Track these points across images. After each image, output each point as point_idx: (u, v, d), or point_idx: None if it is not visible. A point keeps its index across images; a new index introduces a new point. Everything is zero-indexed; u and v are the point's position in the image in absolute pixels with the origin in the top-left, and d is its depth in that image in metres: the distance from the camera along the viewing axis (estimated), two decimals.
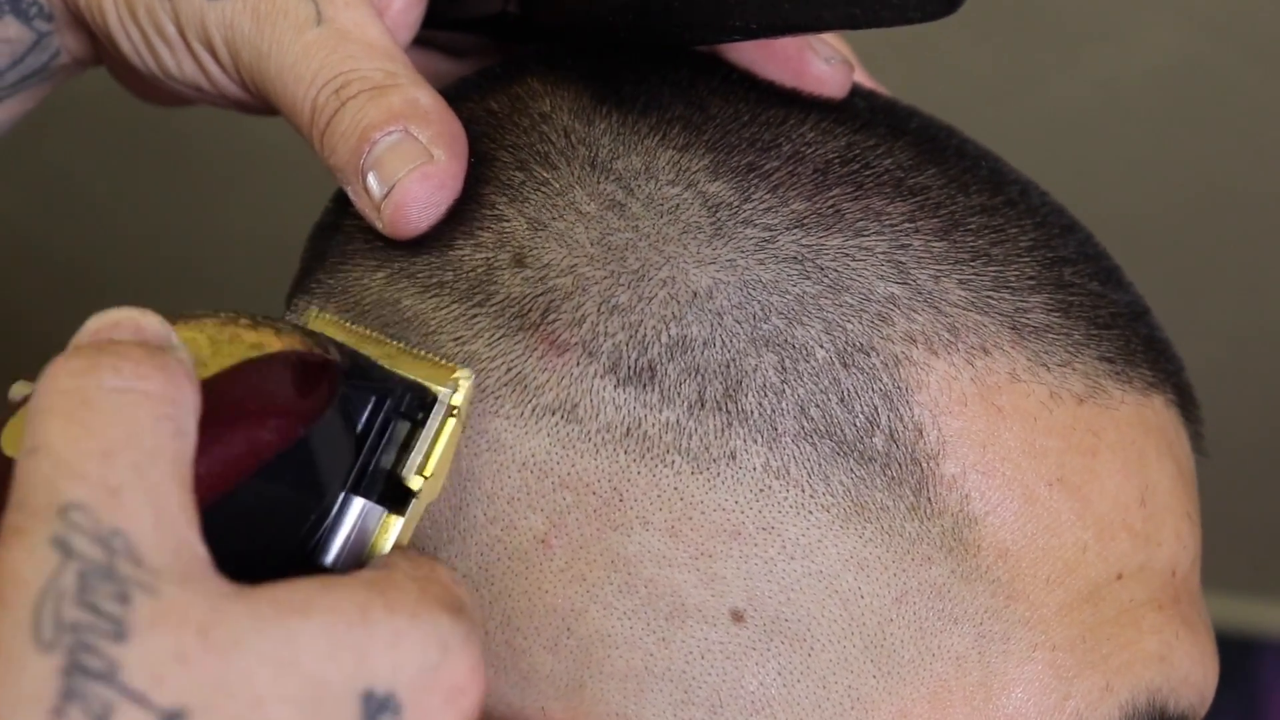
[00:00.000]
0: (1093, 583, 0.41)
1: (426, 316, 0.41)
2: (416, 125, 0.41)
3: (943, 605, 0.40)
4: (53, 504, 0.31)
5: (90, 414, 0.32)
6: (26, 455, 0.32)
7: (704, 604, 0.39)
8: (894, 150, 0.43)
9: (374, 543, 0.38)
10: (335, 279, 0.44)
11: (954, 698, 0.40)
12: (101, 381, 0.33)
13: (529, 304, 0.40)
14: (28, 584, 0.30)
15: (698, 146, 0.42)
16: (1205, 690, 0.43)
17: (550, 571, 0.40)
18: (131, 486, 0.32)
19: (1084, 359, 0.42)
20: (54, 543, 0.31)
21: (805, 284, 0.40)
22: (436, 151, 0.41)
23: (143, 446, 0.32)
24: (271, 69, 0.43)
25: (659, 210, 0.41)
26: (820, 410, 0.40)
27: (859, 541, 0.39)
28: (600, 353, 0.40)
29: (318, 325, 0.42)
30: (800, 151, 0.42)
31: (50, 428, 0.32)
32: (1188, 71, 1.32)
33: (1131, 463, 0.42)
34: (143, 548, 0.31)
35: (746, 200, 0.41)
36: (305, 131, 0.43)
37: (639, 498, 0.39)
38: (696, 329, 0.40)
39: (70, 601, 0.30)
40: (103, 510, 0.31)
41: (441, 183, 0.41)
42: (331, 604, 0.32)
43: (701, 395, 0.39)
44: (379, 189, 0.41)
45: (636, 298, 0.40)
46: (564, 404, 0.40)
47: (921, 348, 0.40)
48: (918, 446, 0.40)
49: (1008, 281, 0.42)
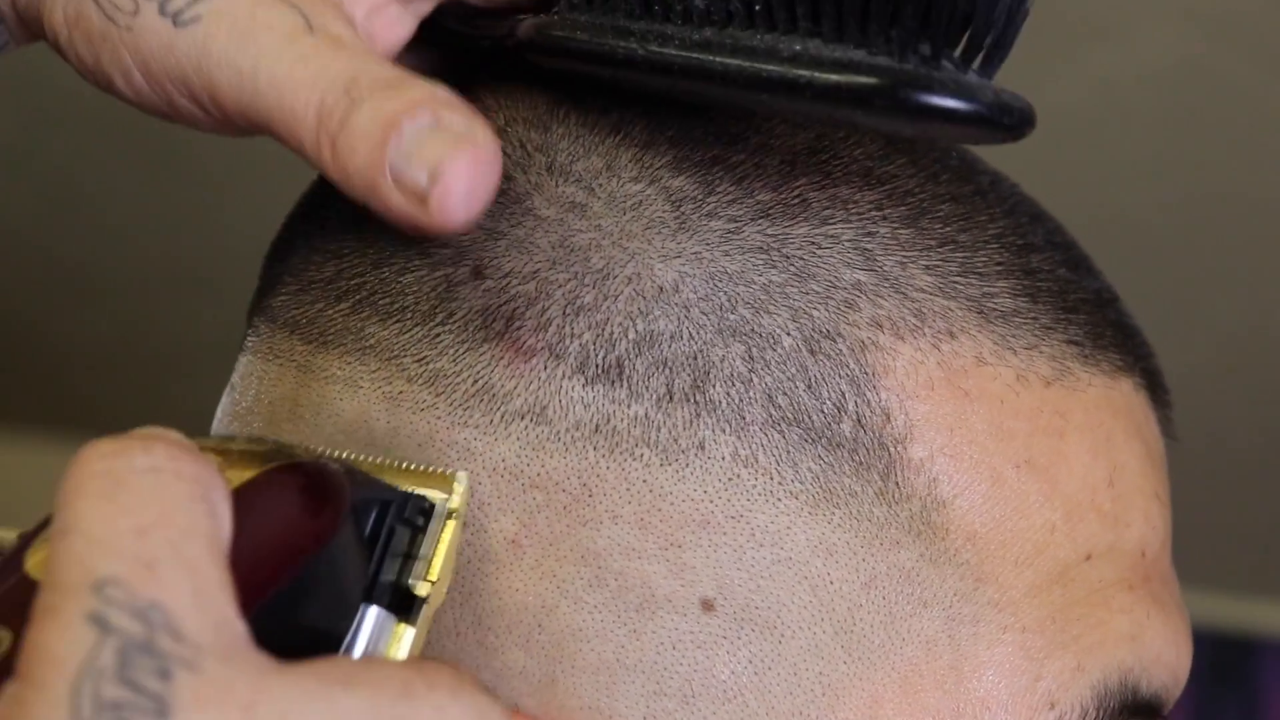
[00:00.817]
0: (1062, 564, 0.41)
1: (390, 342, 0.41)
2: (445, 111, 0.39)
3: (912, 589, 0.40)
4: (86, 580, 0.30)
5: (123, 493, 0.31)
6: (58, 538, 0.31)
7: (674, 594, 0.39)
8: (864, 141, 0.43)
9: (387, 652, 0.37)
10: (300, 309, 0.43)
11: (925, 681, 0.40)
12: (134, 462, 0.32)
13: (492, 314, 0.40)
14: (64, 662, 0.29)
15: (660, 143, 0.42)
16: (1178, 670, 0.43)
17: (520, 570, 0.40)
18: (168, 561, 0.31)
19: (1051, 342, 0.42)
20: (90, 619, 0.30)
21: (771, 273, 0.40)
22: (479, 133, 0.39)
23: (178, 523, 0.32)
24: (261, 83, 0.40)
25: (621, 208, 0.41)
26: (788, 398, 0.40)
27: (827, 527, 0.40)
28: (567, 354, 0.40)
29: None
30: (768, 143, 0.42)
31: (81, 508, 0.31)
32: (1188, 71, 1.32)
33: (1099, 444, 0.42)
34: (182, 622, 0.30)
35: (711, 193, 0.41)
36: (309, 139, 0.40)
37: (608, 492, 0.39)
38: (664, 323, 0.40)
39: (110, 679, 0.29)
40: (139, 584, 0.30)
41: (492, 164, 0.39)
42: (374, 679, 0.32)
43: (670, 388, 0.40)
44: (420, 177, 0.38)
45: (601, 296, 0.40)
46: (533, 408, 0.40)
47: (888, 333, 0.40)
48: (885, 431, 0.40)
49: (975, 267, 0.42)
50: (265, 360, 0.44)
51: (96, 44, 0.42)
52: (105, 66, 0.42)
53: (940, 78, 0.36)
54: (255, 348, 0.45)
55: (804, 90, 0.37)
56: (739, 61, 0.38)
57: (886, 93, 0.36)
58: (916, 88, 0.36)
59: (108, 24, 0.42)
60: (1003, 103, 0.37)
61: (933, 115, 0.36)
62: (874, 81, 0.36)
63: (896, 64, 0.37)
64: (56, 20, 0.43)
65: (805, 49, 0.38)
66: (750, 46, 0.38)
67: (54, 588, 0.30)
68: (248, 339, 0.46)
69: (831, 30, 0.37)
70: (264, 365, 0.44)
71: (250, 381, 0.44)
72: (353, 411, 0.41)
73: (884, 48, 0.37)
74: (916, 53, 0.37)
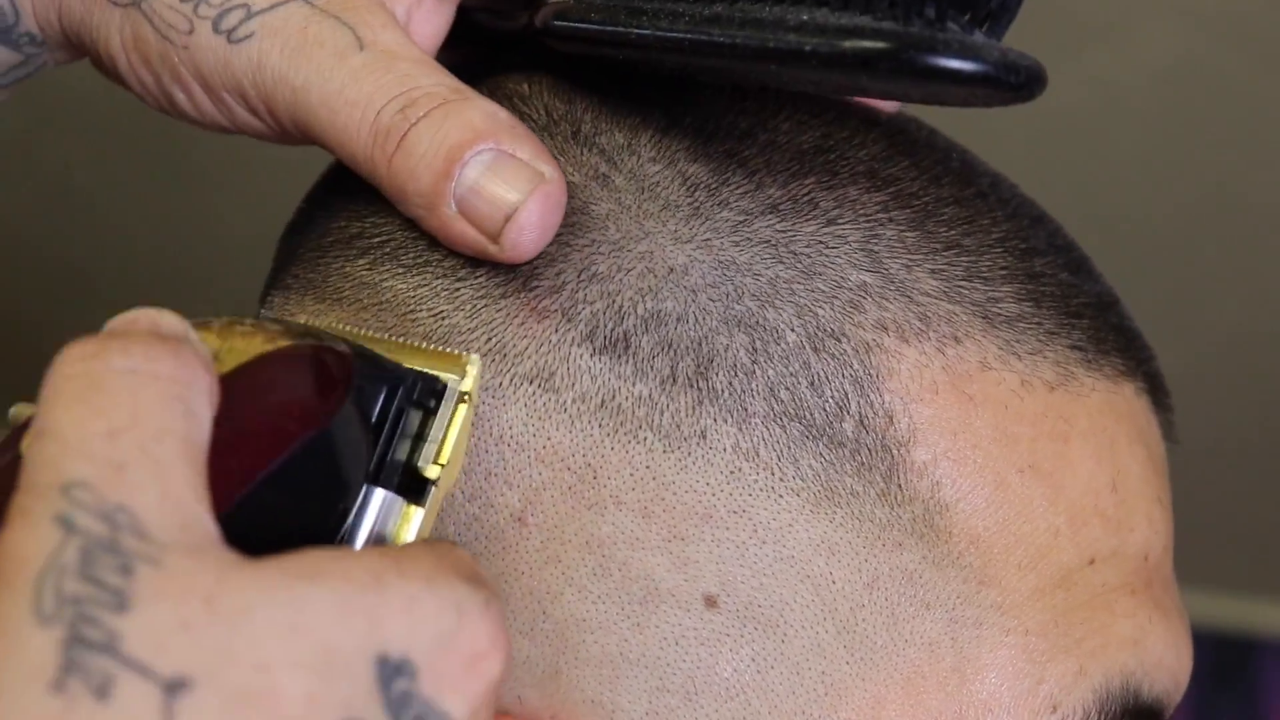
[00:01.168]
0: (1065, 568, 0.41)
1: (406, 295, 0.41)
2: (508, 141, 0.40)
3: (915, 591, 0.40)
4: (56, 483, 0.31)
5: (97, 395, 0.32)
6: (34, 439, 0.32)
7: (677, 588, 0.39)
8: (868, 142, 0.43)
9: (396, 534, 0.37)
10: (314, 272, 0.44)
11: (928, 683, 0.40)
12: (110, 364, 0.32)
13: (514, 271, 0.41)
14: (29, 560, 0.30)
15: (679, 130, 0.43)
16: (1179, 675, 0.43)
17: (526, 553, 0.40)
18: (137, 463, 0.31)
19: (1055, 347, 0.42)
20: (56, 520, 0.30)
21: (778, 268, 0.41)
22: (545, 168, 0.40)
23: (149, 425, 0.32)
24: (314, 99, 0.41)
25: (641, 185, 0.42)
26: (790, 393, 0.40)
27: (829, 526, 0.40)
28: (578, 319, 0.40)
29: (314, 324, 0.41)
30: (776, 140, 0.43)
31: (56, 410, 0.32)
32: (1188, 71, 1.32)
33: (1103, 449, 0.42)
34: (147, 522, 0.31)
35: (724, 184, 0.42)
36: (362, 156, 0.41)
37: (612, 475, 0.40)
38: (671, 304, 0.40)
39: (71, 575, 0.30)
40: (107, 487, 0.31)
41: (560, 199, 0.40)
42: (343, 570, 0.32)
43: (674, 370, 0.40)
44: (489, 214, 0.39)
45: (615, 268, 0.40)
46: (541, 372, 0.40)
47: (893, 335, 0.41)
48: (888, 433, 0.40)
49: (979, 271, 0.42)
50: None
51: (156, 65, 0.43)
52: (167, 86, 0.43)
53: (946, 39, 0.36)
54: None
55: (810, 58, 0.37)
56: (746, 34, 0.38)
57: (892, 55, 0.36)
58: (922, 49, 0.36)
59: (165, 44, 0.42)
60: (1009, 62, 0.37)
61: (940, 76, 0.36)
62: (880, 45, 0.36)
63: (902, 28, 0.36)
64: (114, 46, 0.44)
65: (812, 18, 0.38)
66: (758, 19, 0.38)
67: (26, 489, 0.31)
68: (260, 316, 0.46)
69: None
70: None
71: None
72: None
73: (889, 13, 0.37)
74: (922, 16, 0.37)
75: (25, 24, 0.45)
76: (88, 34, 0.44)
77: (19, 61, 0.47)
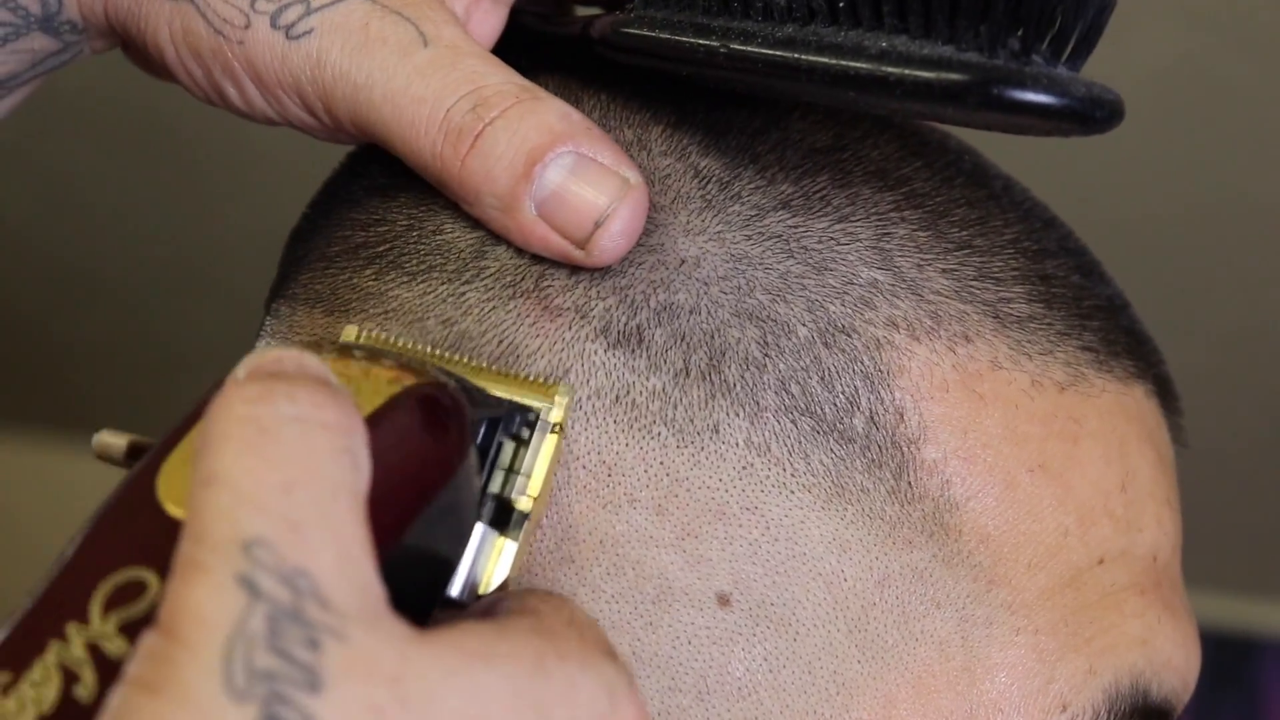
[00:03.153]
0: (1074, 567, 0.41)
1: (413, 304, 0.41)
2: (586, 145, 0.40)
3: (925, 589, 0.40)
4: (235, 539, 0.30)
5: (268, 444, 0.31)
6: (202, 485, 0.30)
7: (690, 587, 0.39)
8: (881, 142, 0.44)
9: (488, 569, 0.37)
10: (321, 282, 0.44)
11: (938, 682, 0.40)
12: (278, 410, 0.31)
13: (522, 272, 0.41)
14: (215, 625, 0.29)
15: (690, 125, 0.43)
16: (1188, 675, 0.43)
17: (540, 554, 0.40)
18: (313, 523, 0.30)
19: (1066, 348, 0.43)
20: (240, 581, 0.29)
21: (790, 262, 0.41)
22: (630, 174, 0.40)
23: (323, 480, 0.31)
24: (376, 97, 0.40)
25: (651, 179, 0.42)
26: (800, 387, 0.40)
27: (840, 523, 0.40)
28: (592, 315, 0.40)
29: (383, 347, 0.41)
30: (789, 138, 0.43)
31: (227, 457, 0.31)
32: (1188, 71, 1.32)
33: (1112, 450, 0.43)
34: (329, 590, 0.30)
35: (736, 178, 0.42)
36: (429, 153, 0.40)
37: (627, 472, 0.40)
38: (683, 295, 0.40)
39: (261, 647, 0.29)
40: (286, 547, 0.30)
41: (645, 207, 0.40)
42: (510, 651, 0.32)
43: (686, 363, 0.40)
44: (577, 218, 0.39)
45: (627, 262, 0.40)
46: (556, 370, 0.40)
47: (903, 333, 0.41)
48: (898, 430, 0.40)
49: (991, 272, 0.42)
50: (283, 341, 0.44)
51: (207, 59, 0.42)
52: (218, 80, 0.42)
53: (1032, 73, 0.36)
54: (273, 330, 0.45)
55: (894, 87, 0.37)
56: (826, 59, 0.38)
57: (979, 89, 0.36)
58: (1009, 83, 0.36)
59: (217, 39, 0.42)
60: (1095, 96, 0.37)
61: (1027, 110, 0.36)
62: (967, 78, 0.36)
63: (986, 59, 0.36)
64: (162, 38, 0.43)
65: (893, 45, 0.37)
66: (835, 44, 0.38)
67: (201, 541, 0.30)
68: (265, 325, 0.46)
69: (919, 26, 0.37)
70: (282, 346, 0.44)
71: None
72: None
73: (973, 43, 0.37)
74: (1005, 47, 0.37)
75: (67, 12, 0.45)
76: (135, 25, 0.44)
77: (57, 49, 0.46)
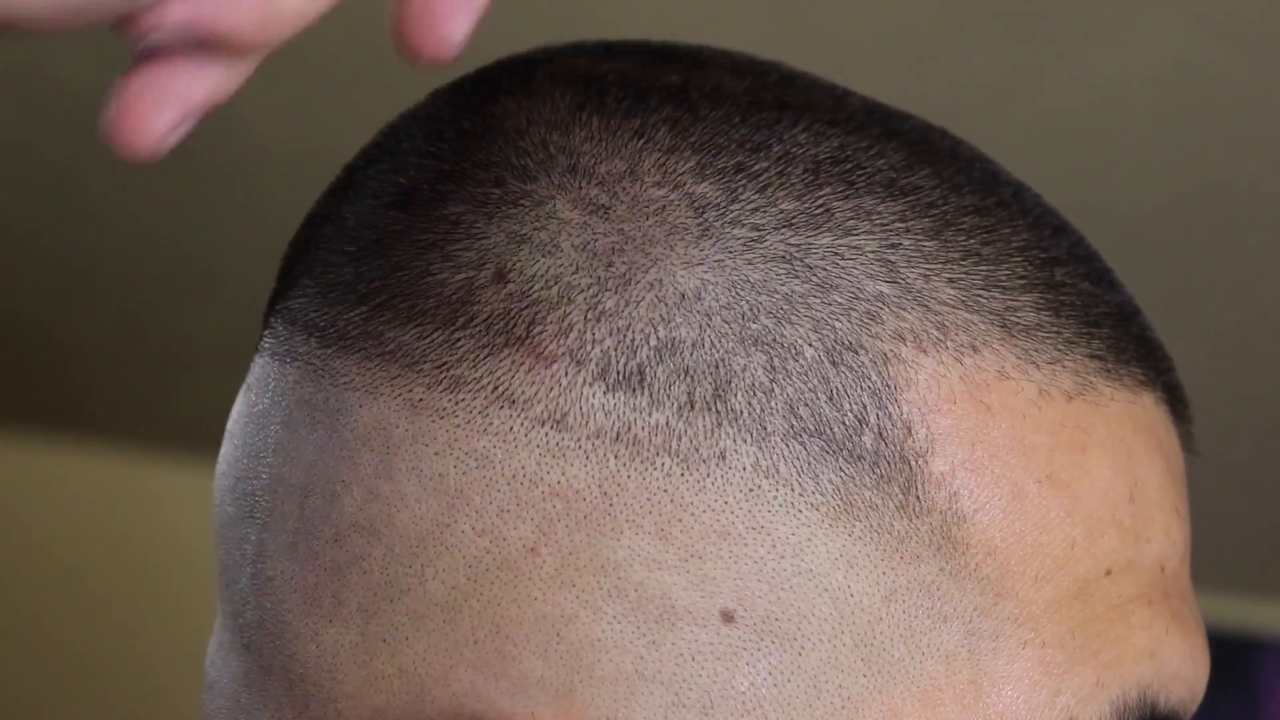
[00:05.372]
0: (1082, 579, 0.41)
1: (410, 347, 0.41)
2: None
3: (932, 603, 0.40)
4: None
5: None
6: None
7: (694, 605, 0.39)
8: (887, 151, 0.43)
9: None
10: (319, 312, 0.43)
11: (944, 696, 0.40)
12: None
13: (513, 319, 0.40)
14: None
15: (684, 149, 0.42)
16: (1196, 686, 0.43)
17: (539, 579, 0.40)
18: None
19: (1074, 357, 0.42)
20: None
21: (794, 283, 0.40)
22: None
23: None
24: None
25: (645, 212, 0.41)
26: (809, 409, 0.40)
27: (848, 539, 0.40)
28: (588, 360, 0.40)
29: None
30: (791, 152, 0.42)
31: None
32: (1188, 72, 1.32)
33: (1120, 459, 0.42)
34: None
35: (734, 201, 0.41)
36: None
37: (628, 501, 0.39)
38: (685, 330, 0.40)
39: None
40: None
41: None
42: None
43: (691, 396, 0.39)
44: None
45: (624, 302, 0.40)
46: (553, 414, 0.40)
47: (910, 346, 0.40)
48: (906, 444, 0.40)
49: (998, 280, 0.42)
50: (283, 363, 0.44)
51: None
52: None
53: None
54: (273, 349, 0.44)
55: None
56: None
57: None
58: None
59: None
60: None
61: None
62: None
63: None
64: None
65: None
66: None
67: None
68: (265, 339, 0.45)
69: None
70: (281, 368, 0.44)
71: (267, 384, 0.44)
72: (371, 418, 0.41)
73: None
74: None
75: None
76: None
77: None
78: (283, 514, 0.43)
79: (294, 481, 0.42)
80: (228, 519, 0.45)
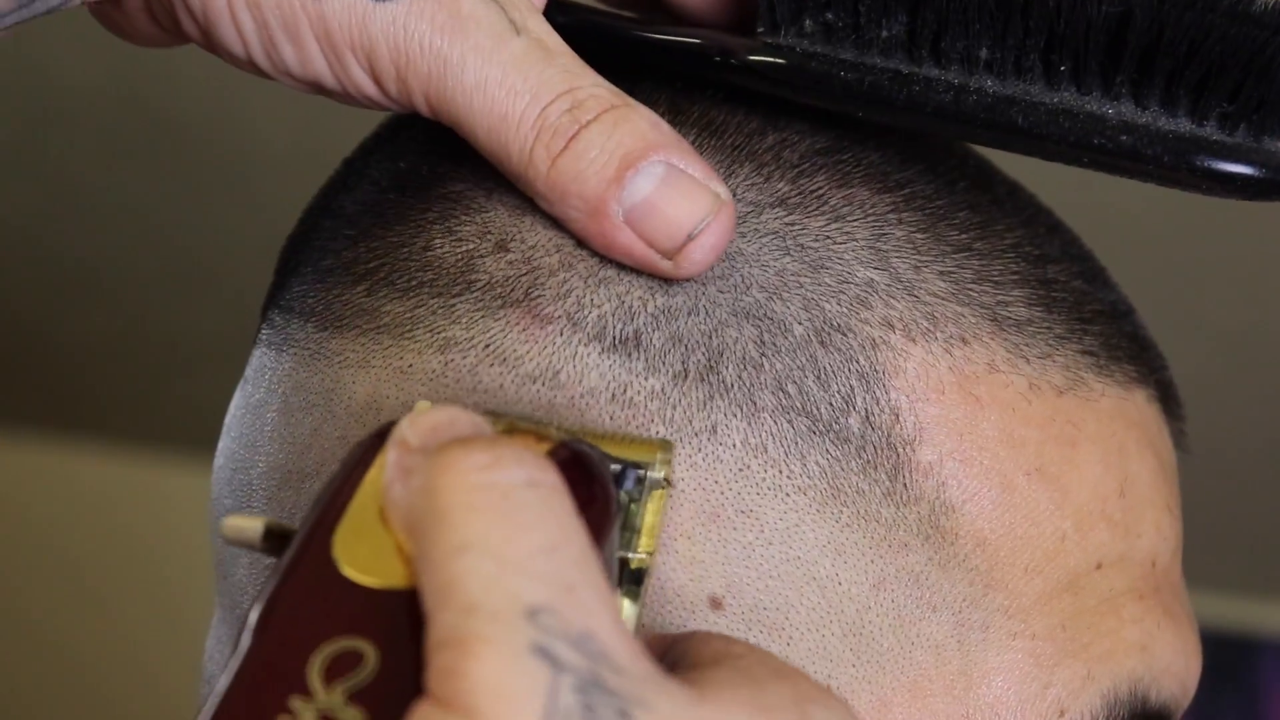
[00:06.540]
0: (1072, 572, 0.41)
1: (404, 317, 0.41)
2: (678, 157, 0.39)
3: (921, 593, 0.40)
4: (516, 607, 0.28)
5: (517, 510, 0.30)
6: (456, 554, 0.29)
7: (683, 589, 0.39)
8: (883, 145, 0.43)
9: None
10: (314, 297, 0.43)
11: (934, 686, 0.40)
12: (513, 475, 0.31)
13: (512, 284, 0.40)
14: (522, 701, 0.28)
15: (684, 125, 0.42)
16: (1187, 681, 0.43)
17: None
18: (584, 584, 0.29)
19: (1065, 352, 0.42)
20: (535, 652, 0.28)
21: (786, 260, 0.41)
22: (719, 189, 0.39)
23: (578, 541, 0.30)
24: (468, 81, 0.39)
25: None
26: (797, 386, 0.40)
27: (836, 526, 0.40)
28: (585, 322, 0.40)
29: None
30: (788, 139, 0.43)
31: (477, 525, 0.30)
32: None
33: (1111, 455, 0.42)
34: (615, 652, 0.29)
35: (731, 175, 0.42)
36: (518, 148, 0.39)
37: None
38: (681, 298, 0.40)
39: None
40: (569, 612, 0.29)
41: (734, 224, 0.40)
42: (775, 701, 0.31)
43: (685, 365, 0.40)
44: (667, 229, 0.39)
45: (622, 268, 0.40)
46: (545, 371, 0.40)
47: (899, 333, 0.41)
48: (894, 431, 0.40)
49: (990, 275, 0.42)
50: (279, 351, 0.44)
51: (267, 11, 0.40)
52: (274, 33, 0.40)
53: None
54: (269, 340, 0.45)
55: (1150, 162, 0.40)
56: (1066, 127, 0.40)
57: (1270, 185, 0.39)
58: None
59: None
60: None
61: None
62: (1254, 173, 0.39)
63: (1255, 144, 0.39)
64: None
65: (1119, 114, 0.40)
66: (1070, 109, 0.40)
67: (473, 612, 0.28)
68: (261, 333, 0.45)
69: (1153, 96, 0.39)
70: (277, 356, 0.44)
71: (263, 374, 0.44)
72: (364, 393, 0.41)
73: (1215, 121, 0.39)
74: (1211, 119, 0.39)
75: None
76: None
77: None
78: (280, 501, 0.43)
79: (291, 467, 0.42)
80: (225, 511, 0.45)
